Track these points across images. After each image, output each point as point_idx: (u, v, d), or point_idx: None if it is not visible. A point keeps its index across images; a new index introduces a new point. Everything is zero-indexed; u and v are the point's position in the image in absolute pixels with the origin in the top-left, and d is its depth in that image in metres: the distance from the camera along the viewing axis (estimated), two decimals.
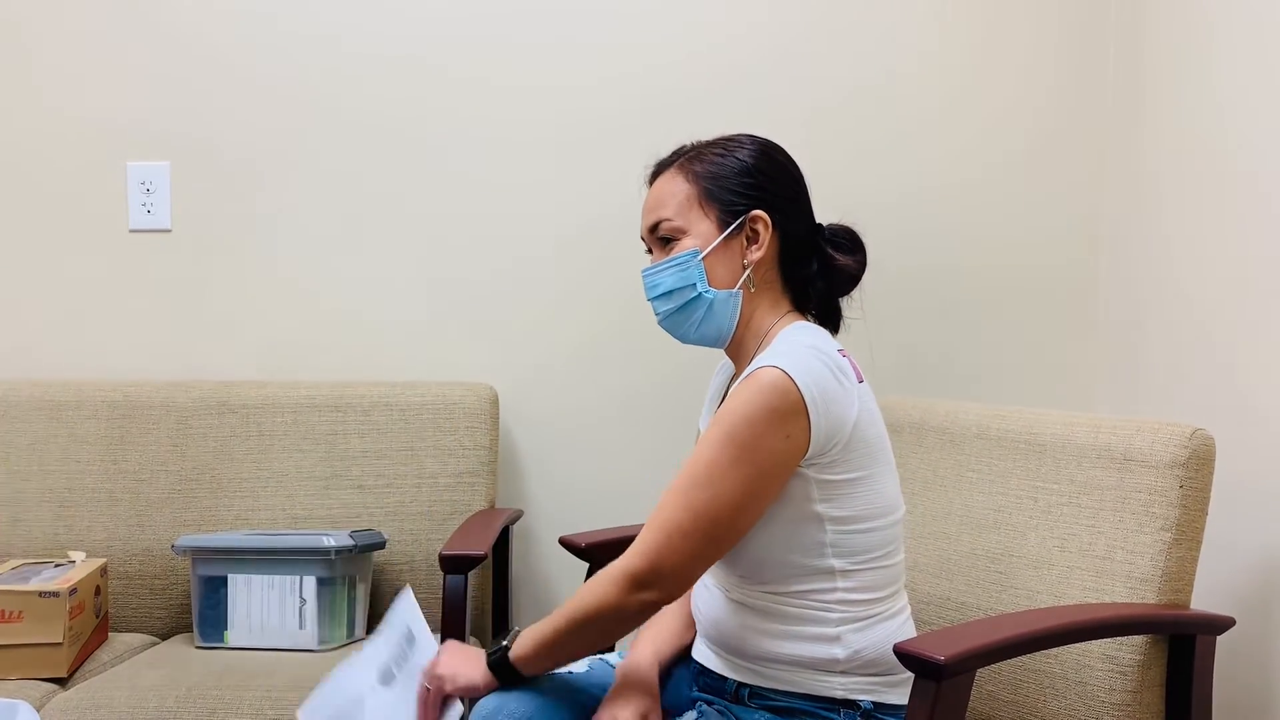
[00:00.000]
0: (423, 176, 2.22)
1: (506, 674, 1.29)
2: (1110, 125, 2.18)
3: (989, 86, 2.20)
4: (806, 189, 1.39)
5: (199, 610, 1.90)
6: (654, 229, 1.37)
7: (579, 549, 1.74)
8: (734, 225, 1.33)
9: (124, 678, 1.72)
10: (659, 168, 1.41)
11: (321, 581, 1.87)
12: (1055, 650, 1.45)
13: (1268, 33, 1.68)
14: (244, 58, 2.20)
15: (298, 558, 1.87)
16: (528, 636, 1.28)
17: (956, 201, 2.20)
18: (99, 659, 1.85)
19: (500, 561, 2.06)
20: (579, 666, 1.39)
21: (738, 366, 1.39)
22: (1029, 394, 2.19)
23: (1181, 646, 1.41)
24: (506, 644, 1.30)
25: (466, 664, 1.31)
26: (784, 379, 1.20)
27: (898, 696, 1.29)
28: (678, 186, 1.36)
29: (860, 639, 1.28)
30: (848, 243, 1.38)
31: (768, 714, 1.30)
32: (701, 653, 1.41)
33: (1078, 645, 1.44)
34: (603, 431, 2.23)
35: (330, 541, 1.87)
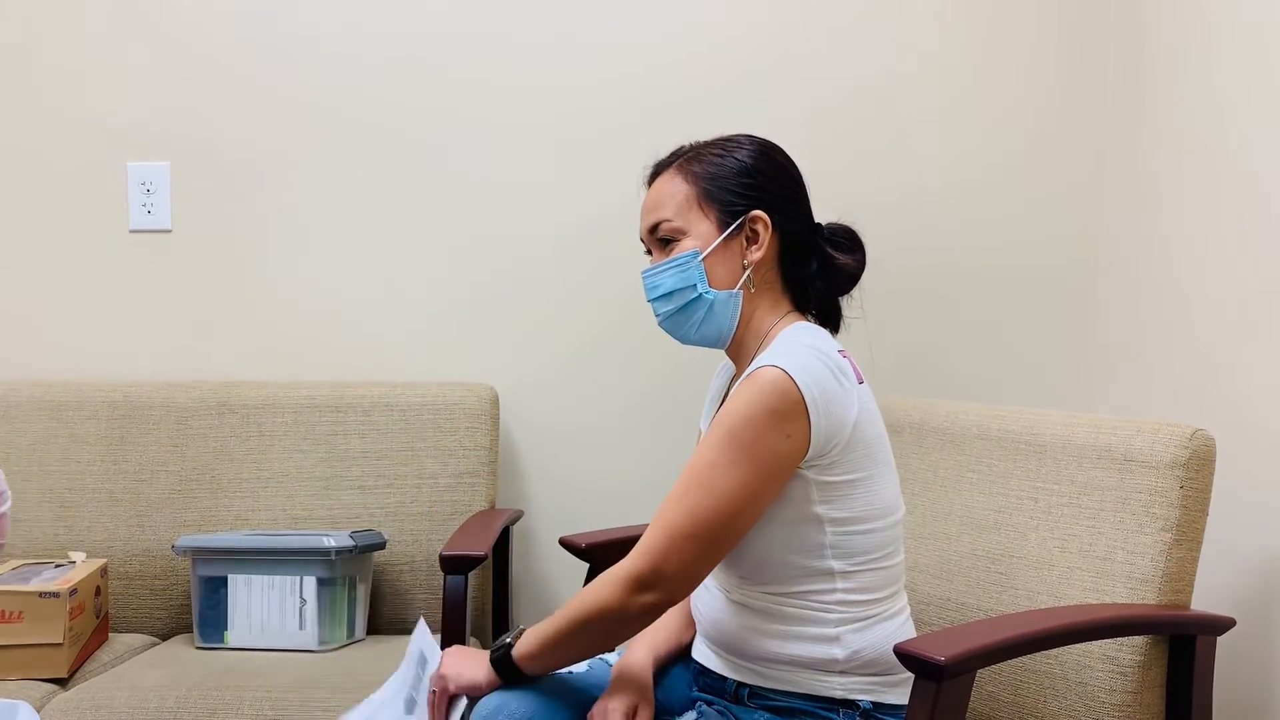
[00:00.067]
0: (423, 177, 2.22)
1: (509, 672, 1.29)
2: (1110, 125, 2.17)
3: (989, 86, 2.20)
4: (805, 189, 1.39)
5: (199, 610, 1.90)
6: (653, 230, 1.37)
7: (579, 549, 1.73)
8: (734, 226, 1.33)
9: (124, 678, 1.72)
10: (658, 168, 1.41)
11: (322, 582, 1.87)
12: (1056, 651, 1.45)
13: (1268, 33, 1.68)
14: (244, 58, 2.20)
15: (298, 558, 1.87)
16: (531, 636, 1.28)
17: (956, 201, 2.20)
18: (99, 659, 1.85)
19: (500, 562, 2.06)
20: (579, 666, 1.39)
21: (738, 367, 1.39)
22: (1029, 394, 2.19)
23: (1182, 647, 1.41)
24: (510, 641, 1.30)
25: (469, 664, 1.31)
26: (784, 379, 1.21)
27: (897, 696, 1.29)
28: (677, 187, 1.36)
29: (860, 639, 1.28)
30: (847, 242, 1.38)
31: (767, 714, 1.30)
32: (701, 653, 1.41)
33: (1078, 646, 1.44)
34: (603, 432, 2.23)
35: (330, 542, 1.87)
